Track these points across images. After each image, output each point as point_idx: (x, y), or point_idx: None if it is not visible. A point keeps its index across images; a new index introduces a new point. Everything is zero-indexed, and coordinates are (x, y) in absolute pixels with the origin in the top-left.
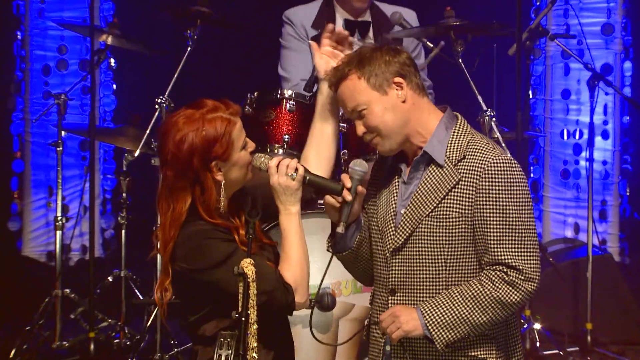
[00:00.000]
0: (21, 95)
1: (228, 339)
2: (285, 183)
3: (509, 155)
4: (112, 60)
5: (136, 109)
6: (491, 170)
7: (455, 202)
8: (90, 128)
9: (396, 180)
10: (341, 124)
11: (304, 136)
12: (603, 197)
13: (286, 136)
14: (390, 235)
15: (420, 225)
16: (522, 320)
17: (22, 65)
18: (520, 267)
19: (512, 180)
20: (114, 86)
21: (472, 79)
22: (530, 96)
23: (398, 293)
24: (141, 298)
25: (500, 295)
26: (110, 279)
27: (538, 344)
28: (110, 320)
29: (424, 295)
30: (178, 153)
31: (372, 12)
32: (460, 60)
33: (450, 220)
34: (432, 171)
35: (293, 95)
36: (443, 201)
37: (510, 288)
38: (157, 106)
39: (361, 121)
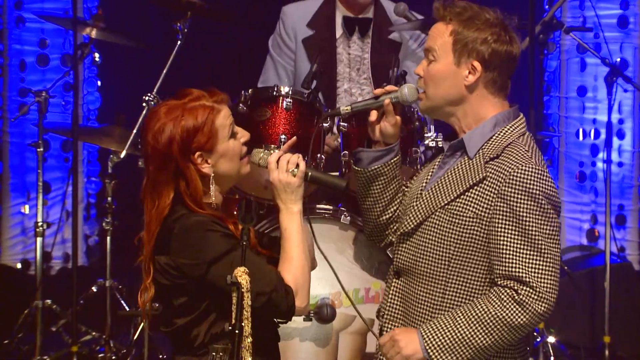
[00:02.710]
0: None
1: (221, 353)
2: (285, 180)
3: (545, 167)
4: (97, 55)
5: (122, 107)
6: (517, 177)
7: (473, 201)
8: (73, 127)
9: (438, 159)
10: (342, 124)
11: (302, 136)
12: (621, 201)
13: (283, 136)
14: (405, 218)
15: (432, 216)
16: (535, 333)
17: (0, 60)
18: (534, 285)
19: (537, 191)
20: (99, 83)
21: None
22: (544, 93)
23: (402, 277)
24: (127, 309)
25: (506, 316)
26: (94, 289)
27: (552, 359)
28: (94, 333)
29: (423, 288)
30: (157, 145)
31: (375, 9)
32: None
33: (464, 218)
34: (462, 162)
35: (290, 93)
36: (461, 197)
37: (519, 308)
38: (144, 104)
39: (426, 63)
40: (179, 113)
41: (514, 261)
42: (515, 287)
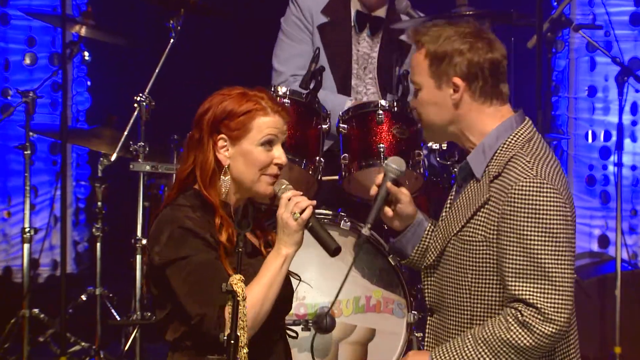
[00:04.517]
0: None
1: None
2: (286, 220)
3: (550, 176)
4: (86, 54)
5: (113, 108)
6: (515, 193)
7: (481, 224)
8: (62, 129)
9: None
10: (341, 125)
11: (299, 137)
12: (633, 206)
13: None
14: (427, 251)
15: (448, 245)
16: None
17: None
18: (539, 306)
19: (539, 206)
20: (88, 82)
21: None
22: (552, 94)
23: (435, 314)
24: (118, 318)
25: (511, 338)
26: (83, 297)
27: None
28: (83, 344)
29: (452, 321)
30: (199, 109)
31: (388, 9)
32: None
33: (475, 244)
34: (472, 184)
35: (288, 93)
36: (470, 221)
37: (524, 330)
38: (136, 105)
39: (415, 94)
40: (232, 93)
41: (518, 282)
42: (520, 309)
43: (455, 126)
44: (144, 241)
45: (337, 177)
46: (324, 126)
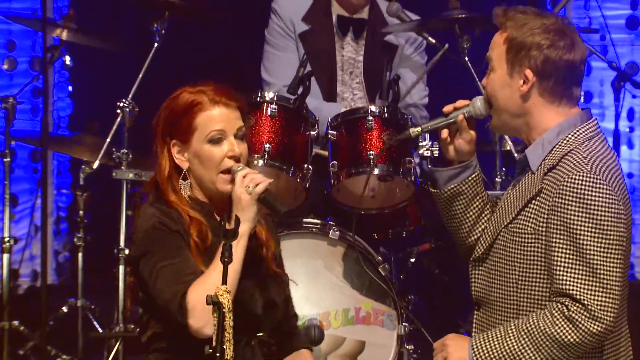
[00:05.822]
0: None
1: None
2: (239, 194)
3: (604, 173)
4: (68, 58)
5: (95, 114)
6: (567, 187)
7: (531, 216)
8: (43, 136)
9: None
10: (330, 131)
11: (287, 144)
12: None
13: (267, 145)
14: (478, 242)
15: (498, 237)
16: None
17: None
18: (586, 302)
19: (591, 202)
20: (70, 88)
21: (480, 79)
22: None
23: (481, 308)
24: (100, 331)
25: (555, 333)
26: (64, 309)
27: None
28: (65, 356)
29: (499, 317)
30: (154, 120)
31: (371, 9)
32: (466, 59)
33: (524, 236)
34: (527, 178)
35: (275, 99)
36: (521, 213)
37: (569, 325)
38: (119, 111)
39: (488, 74)
40: (176, 95)
41: (565, 277)
42: (566, 303)
43: (521, 120)
44: (127, 251)
45: (326, 153)
46: (312, 132)
